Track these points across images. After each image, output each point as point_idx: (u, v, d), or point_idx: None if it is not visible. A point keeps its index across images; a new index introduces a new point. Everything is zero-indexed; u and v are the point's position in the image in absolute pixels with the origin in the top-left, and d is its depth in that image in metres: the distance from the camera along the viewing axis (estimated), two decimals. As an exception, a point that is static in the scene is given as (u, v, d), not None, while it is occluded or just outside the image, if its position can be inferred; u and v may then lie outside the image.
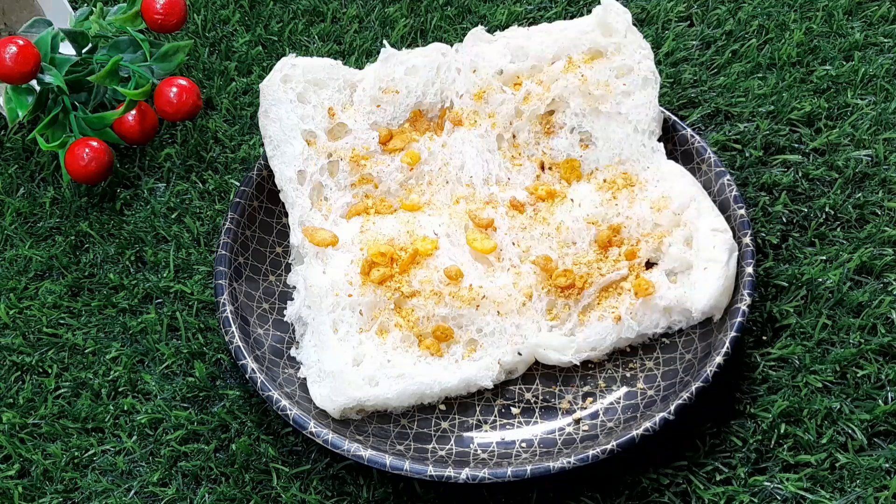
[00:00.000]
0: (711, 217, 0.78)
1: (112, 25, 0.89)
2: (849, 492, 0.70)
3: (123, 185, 0.90)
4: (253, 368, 0.73)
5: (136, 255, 0.85)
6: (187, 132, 0.92)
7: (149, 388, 0.78)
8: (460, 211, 0.80)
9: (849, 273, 0.80)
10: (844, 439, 0.73)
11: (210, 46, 0.99)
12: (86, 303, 0.83)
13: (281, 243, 0.83)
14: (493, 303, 0.76)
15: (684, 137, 0.84)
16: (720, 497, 0.71)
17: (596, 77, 0.83)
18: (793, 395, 0.75)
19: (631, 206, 0.80)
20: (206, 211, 0.87)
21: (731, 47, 0.95)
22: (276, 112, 0.82)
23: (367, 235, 0.78)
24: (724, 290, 0.75)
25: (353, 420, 0.74)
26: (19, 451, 0.75)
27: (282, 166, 0.81)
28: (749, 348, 0.77)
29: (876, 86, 0.92)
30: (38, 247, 0.86)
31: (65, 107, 0.87)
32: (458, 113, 0.83)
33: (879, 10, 0.97)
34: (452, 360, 0.75)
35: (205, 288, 0.83)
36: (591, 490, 0.72)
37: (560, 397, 0.76)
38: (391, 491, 0.73)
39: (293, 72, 0.83)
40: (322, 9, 1.01)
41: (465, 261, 0.78)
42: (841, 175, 0.86)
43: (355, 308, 0.76)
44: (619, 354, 0.77)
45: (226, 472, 0.74)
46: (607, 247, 0.79)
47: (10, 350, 0.80)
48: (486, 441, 0.74)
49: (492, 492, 0.72)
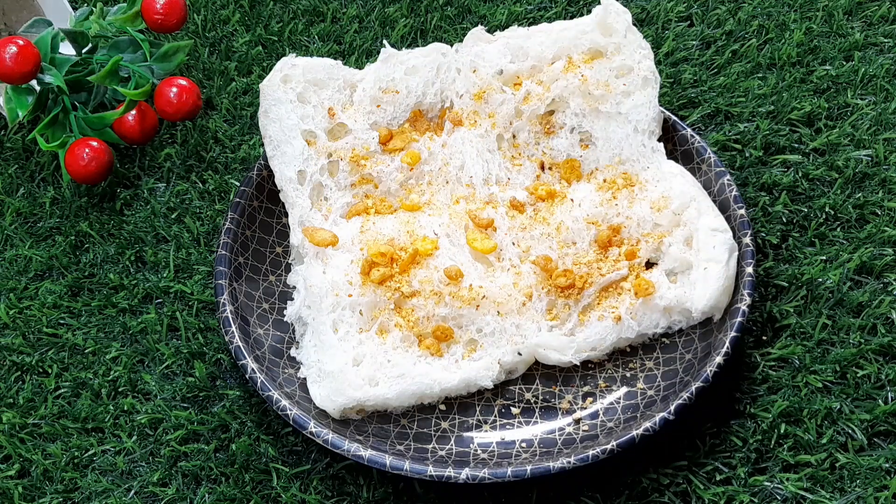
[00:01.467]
0: (711, 217, 0.78)
1: (112, 25, 0.89)
2: (849, 492, 0.70)
3: (123, 185, 0.90)
4: (253, 368, 0.73)
5: (136, 255, 0.85)
6: (187, 132, 0.92)
7: (149, 388, 0.78)
8: (460, 211, 0.80)
9: (849, 273, 0.80)
10: (844, 439, 0.73)
11: (210, 46, 0.99)
12: (86, 303, 0.83)
13: (281, 243, 0.83)
14: (493, 303, 0.76)
15: (684, 137, 0.84)
16: (720, 497, 0.71)
17: (596, 77, 0.83)
18: (793, 395, 0.75)
19: (631, 206, 0.80)
20: (206, 211, 0.87)
21: (731, 47, 0.95)
22: (276, 112, 0.82)
23: (367, 235, 0.78)
24: (724, 290, 0.75)
25: (353, 420, 0.74)
26: (19, 451, 0.75)
27: (282, 166, 0.81)
28: (749, 348, 0.77)
29: (876, 86, 0.92)
30: (38, 247, 0.86)
31: (65, 107, 0.87)
32: (458, 113, 0.83)
33: (879, 10, 0.97)
34: (452, 360, 0.75)
35: (205, 288, 0.83)
36: (591, 490, 0.72)
37: (560, 397, 0.76)
38: (391, 491, 0.73)
39: (293, 72, 0.83)
40: (322, 9, 1.01)
41: (465, 261, 0.78)
42: (841, 175, 0.86)
43: (355, 308, 0.76)
44: (619, 354, 0.77)
45: (226, 472, 0.74)
46: (607, 247, 0.79)
47: (10, 350, 0.80)
48: (486, 441, 0.74)
49: (492, 492, 0.72)
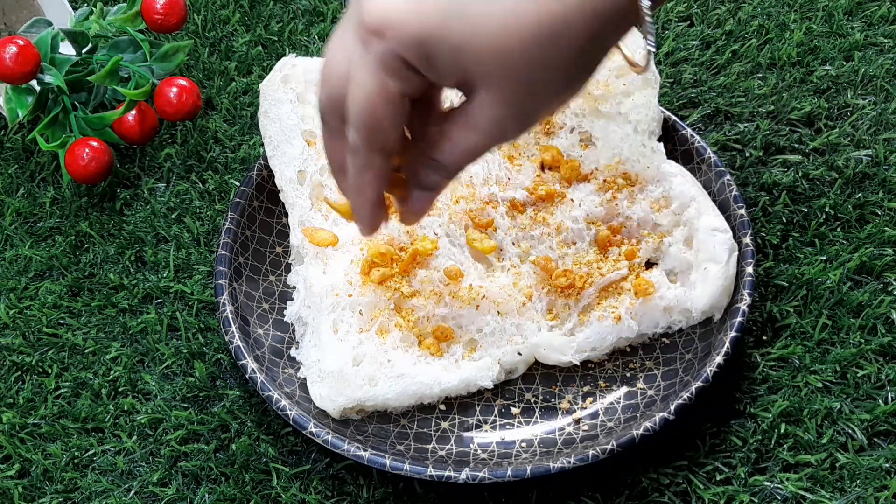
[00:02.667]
0: (711, 217, 0.78)
1: (112, 25, 0.89)
2: (849, 492, 0.70)
3: (123, 185, 0.90)
4: (253, 368, 0.73)
5: (136, 255, 0.85)
6: (187, 132, 0.92)
7: (149, 388, 0.78)
8: (460, 211, 0.80)
9: (849, 273, 0.80)
10: (844, 439, 0.73)
11: (210, 46, 0.99)
12: (86, 303, 0.83)
13: (281, 243, 0.83)
14: (493, 303, 0.76)
15: (684, 137, 0.84)
16: (720, 497, 0.71)
17: (596, 77, 0.82)
18: (793, 395, 0.75)
19: (631, 206, 0.80)
20: (206, 211, 0.87)
21: (731, 47, 0.95)
22: (276, 112, 0.82)
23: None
24: (724, 290, 0.75)
25: (353, 420, 0.74)
26: (19, 451, 0.75)
27: (282, 166, 0.81)
28: (749, 348, 0.77)
29: (876, 86, 0.92)
30: (38, 247, 0.86)
31: (65, 107, 0.87)
32: (458, 113, 0.83)
33: (879, 10, 0.97)
34: (452, 360, 0.75)
35: (205, 288, 0.83)
36: (591, 490, 0.72)
37: (560, 397, 0.76)
38: (391, 491, 0.73)
39: (293, 72, 0.83)
40: (322, 9, 1.01)
41: (465, 261, 0.78)
42: (841, 175, 0.86)
43: (355, 308, 0.76)
44: (619, 354, 0.77)
45: (226, 472, 0.74)
46: (607, 247, 0.79)
47: (10, 350, 0.80)
48: (486, 441, 0.74)
49: (492, 492, 0.72)
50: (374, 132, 0.55)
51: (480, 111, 0.54)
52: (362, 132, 0.55)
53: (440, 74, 0.53)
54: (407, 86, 0.54)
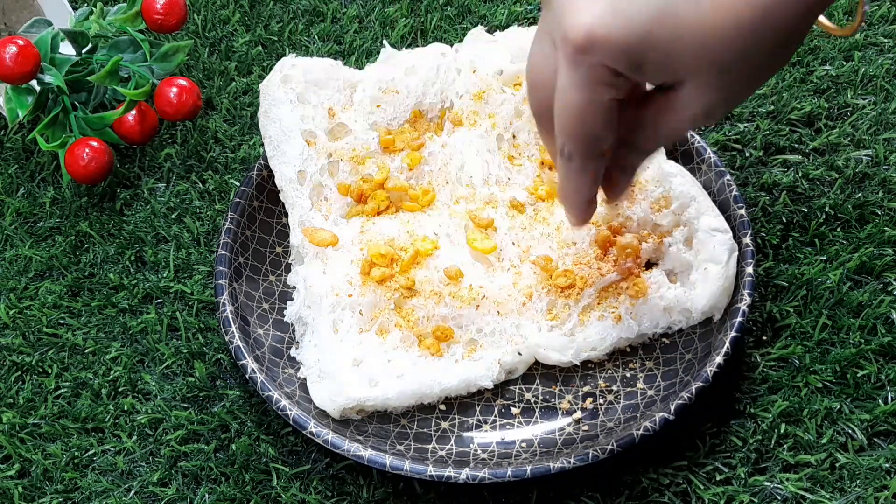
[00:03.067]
0: (711, 217, 0.78)
1: (112, 25, 0.89)
2: (849, 492, 0.70)
3: (123, 185, 0.90)
4: (253, 368, 0.73)
5: (136, 255, 0.85)
6: (187, 132, 0.92)
7: (149, 388, 0.78)
8: (460, 211, 0.80)
9: (849, 273, 0.80)
10: (844, 439, 0.73)
11: (210, 46, 0.99)
12: (86, 303, 0.83)
13: (281, 243, 0.83)
14: (493, 303, 0.76)
15: (684, 137, 0.84)
16: (720, 497, 0.71)
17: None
18: (793, 395, 0.75)
19: (631, 206, 0.80)
20: (206, 211, 0.87)
21: (731, 47, 0.95)
22: (276, 112, 0.82)
23: (367, 235, 0.78)
24: (724, 290, 0.75)
25: (353, 420, 0.74)
26: (19, 451, 0.75)
27: (282, 166, 0.81)
28: (749, 348, 0.77)
29: (876, 86, 0.92)
30: (38, 247, 0.86)
31: (65, 107, 0.87)
32: (458, 113, 0.83)
33: (879, 10, 0.97)
34: (452, 360, 0.75)
35: (205, 288, 0.83)
36: (591, 490, 0.72)
37: (560, 397, 0.76)
38: (391, 491, 0.73)
39: (293, 72, 0.83)
40: (322, 9, 1.01)
41: (465, 261, 0.78)
42: (841, 175, 0.86)
43: (355, 308, 0.76)
44: (619, 354, 0.77)
45: (226, 472, 0.74)
46: (607, 247, 0.79)
47: (10, 350, 0.80)
48: (486, 441, 0.74)
49: (492, 492, 0.72)
50: (588, 141, 0.57)
51: (689, 99, 0.56)
52: (576, 142, 0.57)
53: (649, 76, 0.55)
54: (617, 92, 0.55)
